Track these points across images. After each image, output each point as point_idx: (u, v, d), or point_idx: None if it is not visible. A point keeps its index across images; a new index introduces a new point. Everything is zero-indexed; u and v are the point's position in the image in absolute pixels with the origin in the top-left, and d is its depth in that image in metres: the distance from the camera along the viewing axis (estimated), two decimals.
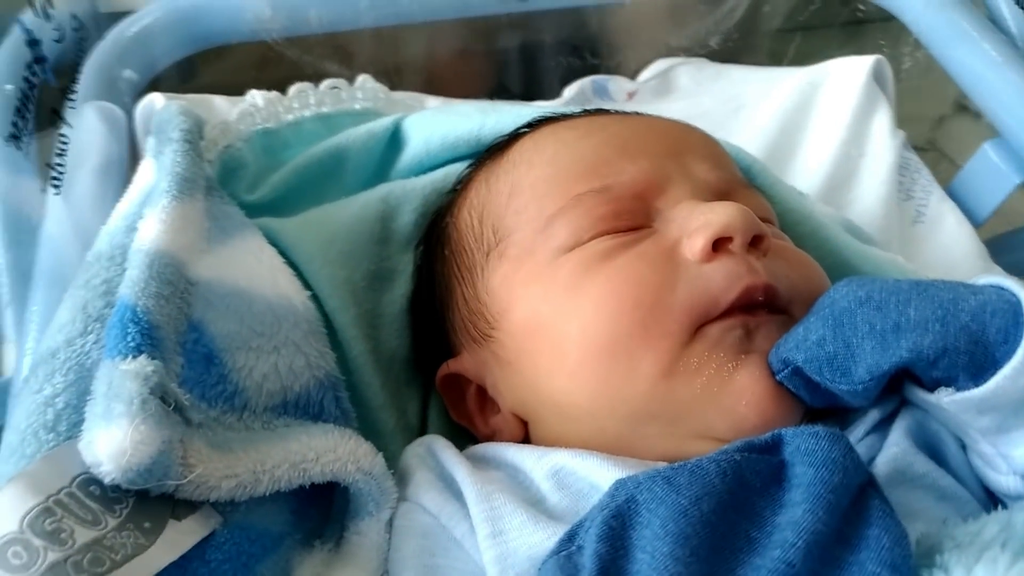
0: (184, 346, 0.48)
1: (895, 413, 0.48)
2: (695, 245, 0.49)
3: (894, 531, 0.37)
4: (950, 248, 0.80)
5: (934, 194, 0.84)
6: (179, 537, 0.42)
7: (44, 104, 0.67)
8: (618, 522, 0.38)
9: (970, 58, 0.83)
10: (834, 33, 0.99)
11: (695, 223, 0.50)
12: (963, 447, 0.47)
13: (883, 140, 0.85)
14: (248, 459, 0.45)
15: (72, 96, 0.63)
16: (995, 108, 0.81)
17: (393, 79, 0.91)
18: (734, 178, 0.58)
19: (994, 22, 0.86)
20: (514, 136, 0.62)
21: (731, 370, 0.47)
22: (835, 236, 0.65)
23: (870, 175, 0.83)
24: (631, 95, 0.98)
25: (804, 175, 0.85)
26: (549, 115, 0.63)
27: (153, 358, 0.43)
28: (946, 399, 0.43)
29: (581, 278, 0.50)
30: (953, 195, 0.86)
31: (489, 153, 0.62)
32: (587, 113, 0.62)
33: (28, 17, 0.60)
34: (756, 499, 0.39)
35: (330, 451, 0.48)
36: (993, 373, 0.41)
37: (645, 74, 0.99)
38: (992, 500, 0.45)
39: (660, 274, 0.49)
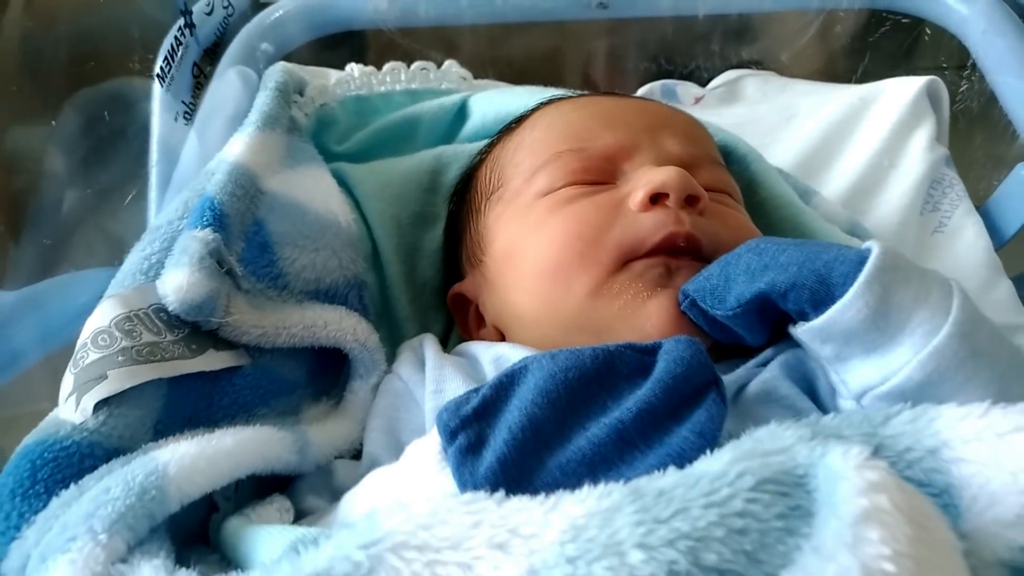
0: (247, 235, 0.65)
1: None
2: (636, 197, 0.60)
3: (714, 412, 0.47)
4: (962, 257, 0.84)
5: (960, 208, 0.88)
6: (214, 360, 0.59)
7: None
8: (508, 379, 0.50)
9: (1016, 82, 0.87)
10: (903, 53, 1.04)
11: (642, 180, 0.61)
12: None
13: (918, 154, 0.91)
14: (274, 317, 0.61)
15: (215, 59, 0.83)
16: None
17: (488, 71, 1.06)
18: (704, 154, 0.68)
19: None
20: (534, 109, 0.75)
21: (645, 298, 0.58)
22: (810, 222, 0.73)
23: (896, 185, 0.89)
24: (698, 100, 1.08)
25: (836, 179, 0.92)
26: (566, 94, 0.75)
27: (216, 232, 0.60)
28: (799, 330, 0.52)
29: (546, 216, 0.63)
30: (987, 213, 0.90)
31: (513, 122, 0.75)
32: (597, 94, 0.74)
33: None
34: (620, 381, 0.50)
35: (336, 322, 0.63)
36: (830, 307, 0.49)
37: (715, 82, 1.09)
38: None
39: (604, 217, 0.60)
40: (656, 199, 0.60)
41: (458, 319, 0.74)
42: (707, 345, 0.57)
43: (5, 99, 0.64)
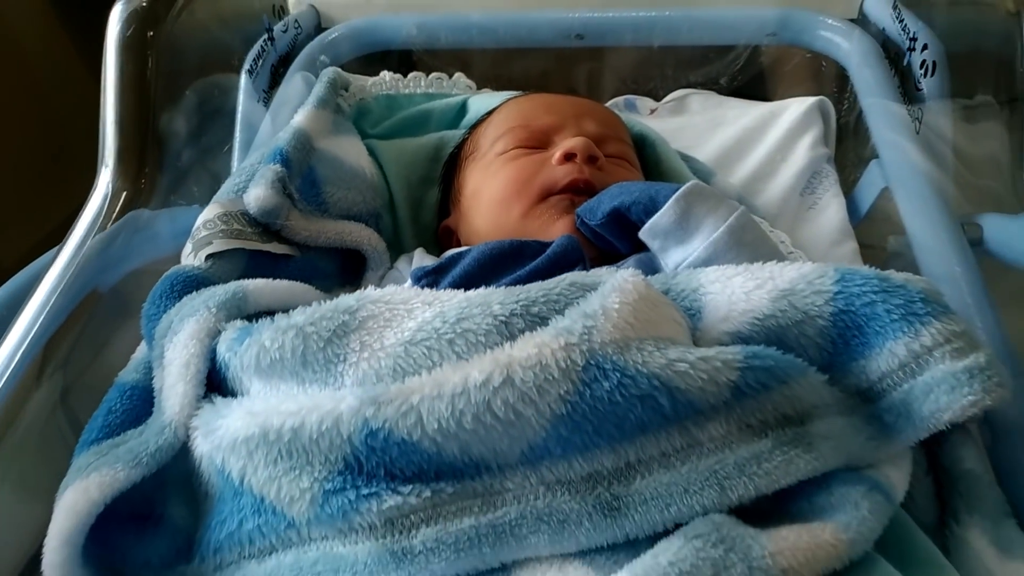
0: (303, 175, 0.97)
1: None
2: (555, 155, 0.91)
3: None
4: (824, 226, 1.13)
5: (829, 192, 1.17)
6: (277, 247, 0.90)
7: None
8: (458, 255, 0.81)
9: (871, 101, 1.16)
10: (808, 79, 1.34)
11: (561, 145, 0.92)
12: None
13: (803, 152, 1.20)
14: (316, 226, 0.93)
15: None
16: (877, 138, 1.13)
17: (492, 84, 1.39)
18: (612, 134, 0.98)
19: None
20: (503, 102, 1.07)
21: (555, 219, 0.88)
22: None
23: (784, 173, 1.18)
24: (652, 111, 1.39)
25: (742, 168, 1.21)
26: (526, 94, 1.07)
27: (283, 168, 0.93)
28: (640, 233, 0.82)
29: (499, 168, 0.94)
30: (853, 197, 1.18)
31: (490, 112, 1.08)
32: (546, 94, 1.06)
33: (267, 14, 1.15)
34: (524, 258, 0.80)
35: (357, 232, 0.95)
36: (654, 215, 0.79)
37: (667, 98, 1.40)
38: None
39: (534, 168, 0.91)
40: (569, 157, 0.91)
41: (445, 247, 1.06)
42: (593, 254, 0.88)
43: (161, 85, 0.99)
